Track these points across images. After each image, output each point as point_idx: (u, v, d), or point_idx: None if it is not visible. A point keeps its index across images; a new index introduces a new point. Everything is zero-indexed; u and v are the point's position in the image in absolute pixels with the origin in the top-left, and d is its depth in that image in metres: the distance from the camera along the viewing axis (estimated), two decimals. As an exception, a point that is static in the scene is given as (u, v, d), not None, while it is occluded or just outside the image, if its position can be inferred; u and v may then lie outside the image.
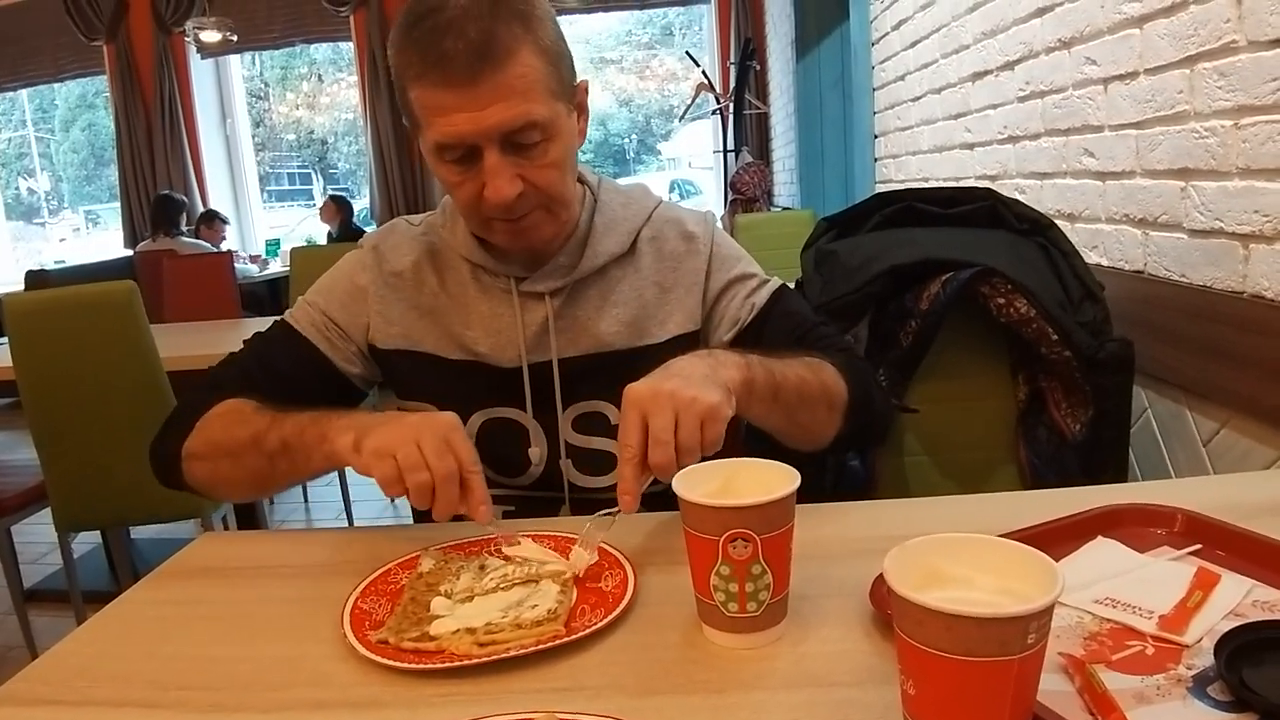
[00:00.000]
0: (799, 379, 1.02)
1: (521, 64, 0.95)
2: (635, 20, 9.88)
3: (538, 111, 0.97)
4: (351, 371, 1.18)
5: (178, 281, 4.46)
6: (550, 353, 1.13)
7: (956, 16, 2.52)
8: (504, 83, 0.94)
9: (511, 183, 0.99)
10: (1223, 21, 1.35)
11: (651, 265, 1.17)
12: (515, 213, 1.03)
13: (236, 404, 1.07)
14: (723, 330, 1.17)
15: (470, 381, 1.14)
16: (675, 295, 1.16)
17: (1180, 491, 0.96)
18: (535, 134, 0.98)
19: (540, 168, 1.01)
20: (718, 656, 0.74)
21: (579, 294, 1.14)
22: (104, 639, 0.86)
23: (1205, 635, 0.69)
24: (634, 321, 1.14)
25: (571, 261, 1.14)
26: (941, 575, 0.59)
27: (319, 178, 10.55)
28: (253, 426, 1.02)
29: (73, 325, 2.30)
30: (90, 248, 9.45)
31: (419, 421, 0.89)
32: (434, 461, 0.84)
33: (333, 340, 1.16)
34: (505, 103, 0.95)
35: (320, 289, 1.20)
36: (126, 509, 2.45)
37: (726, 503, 0.71)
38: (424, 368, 1.15)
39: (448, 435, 0.88)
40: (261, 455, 1.01)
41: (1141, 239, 1.62)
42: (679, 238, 1.18)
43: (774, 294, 1.18)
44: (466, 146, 0.98)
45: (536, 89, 0.97)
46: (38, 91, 9.40)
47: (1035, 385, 1.50)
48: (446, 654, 0.74)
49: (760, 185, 5.74)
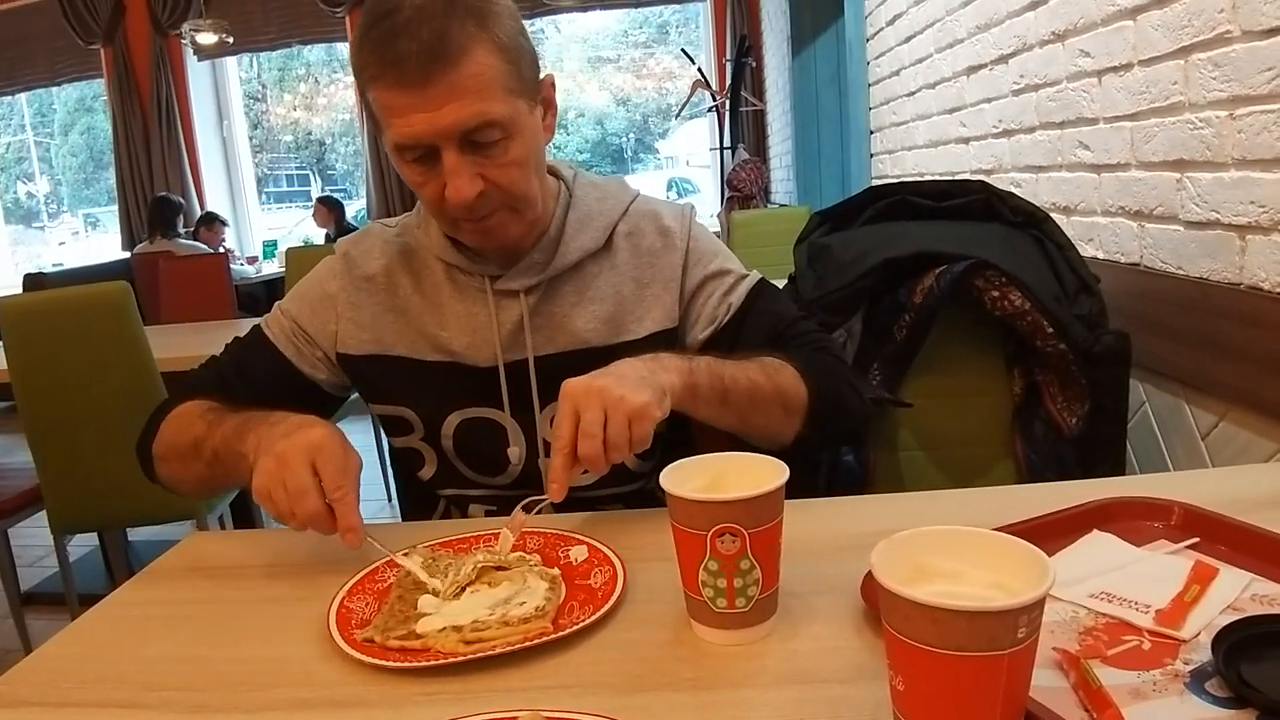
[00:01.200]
0: (750, 383, 1.02)
1: (476, 62, 0.94)
2: (631, 19, 9.86)
3: (494, 110, 0.96)
4: (318, 378, 1.18)
5: (173, 283, 4.46)
6: (526, 351, 1.13)
7: (950, 11, 2.52)
8: (458, 82, 0.93)
9: (472, 182, 0.98)
10: (1217, 12, 1.34)
11: (628, 261, 1.16)
12: (478, 212, 1.02)
13: (192, 406, 1.10)
14: (700, 328, 1.16)
15: (446, 382, 1.14)
16: (652, 291, 1.15)
17: (1178, 485, 0.95)
18: (494, 132, 0.97)
19: (501, 166, 1.00)
20: (707, 653, 0.73)
21: (554, 291, 1.13)
22: (89, 640, 0.86)
23: (1203, 630, 0.69)
24: (611, 318, 1.14)
25: (545, 258, 1.13)
26: (931, 569, 0.58)
27: (317, 179, 10.53)
28: (195, 431, 1.04)
29: (67, 327, 2.30)
30: (90, 251, 9.45)
31: (284, 452, 0.88)
32: (295, 506, 0.86)
33: (299, 348, 1.17)
34: (460, 102, 0.94)
35: (293, 296, 1.21)
36: (122, 510, 2.44)
37: (714, 497, 0.71)
38: (397, 372, 1.15)
39: (312, 462, 0.87)
40: (201, 461, 1.04)
41: (1137, 231, 1.61)
42: (655, 232, 1.17)
43: (751, 291, 1.17)
44: (424, 147, 0.97)
45: (493, 87, 0.96)
46: (36, 95, 9.39)
47: (1031, 379, 1.49)
48: (432, 652, 0.73)
49: (757, 182, 5.72)
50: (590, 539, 0.91)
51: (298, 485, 0.86)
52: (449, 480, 1.19)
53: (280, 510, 0.87)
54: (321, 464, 0.87)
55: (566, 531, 0.93)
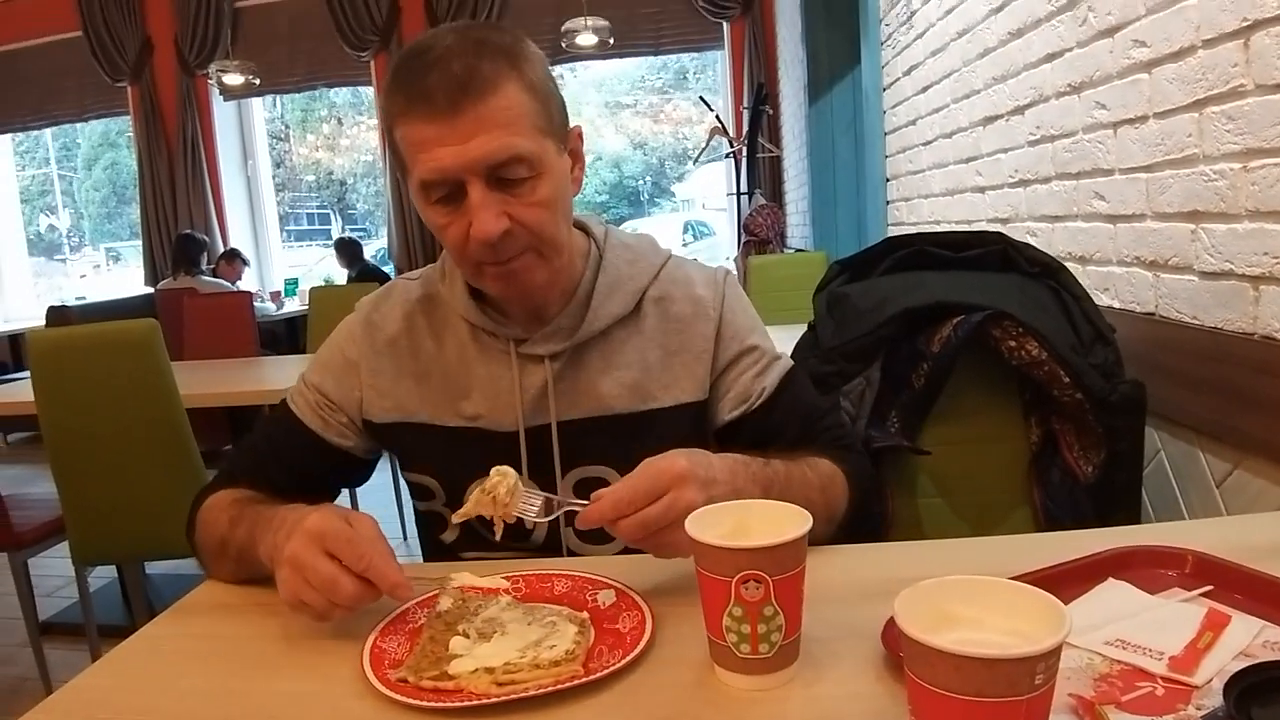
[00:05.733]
0: (810, 504, 0.94)
1: (505, 97, 0.94)
2: (649, 65, 10.00)
3: (522, 145, 0.95)
4: (347, 446, 1.16)
5: (198, 319, 4.51)
6: (550, 416, 1.10)
7: (967, 62, 2.55)
8: (487, 114, 0.93)
9: (498, 219, 0.96)
10: (1230, 66, 1.36)
11: (656, 327, 1.13)
12: (503, 254, 0.99)
13: (221, 500, 1.08)
14: (729, 407, 1.14)
15: (468, 448, 1.11)
16: (681, 360, 1.13)
17: (1192, 532, 0.96)
18: (521, 169, 0.96)
19: (528, 206, 0.98)
20: (731, 698, 0.74)
21: (580, 357, 1.11)
22: (122, 672, 0.87)
23: (1215, 676, 0.70)
24: (637, 385, 1.11)
25: (573, 324, 1.10)
26: (952, 617, 0.60)
27: (337, 218, 10.67)
28: (220, 532, 1.03)
29: (95, 361, 2.34)
30: (111, 284, 9.58)
31: (293, 556, 0.85)
32: (331, 598, 0.83)
33: (326, 419, 1.15)
34: (488, 135, 0.93)
35: (316, 364, 1.19)
36: (145, 544, 2.46)
37: (739, 544, 0.72)
38: (421, 438, 1.13)
39: (324, 550, 0.84)
40: (230, 560, 1.02)
41: (1152, 281, 1.63)
42: (686, 299, 1.15)
43: (783, 378, 1.15)
44: (451, 183, 0.96)
45: (522, 122, 0.95)
46: (61, 130, 9.55)
47: (1048, 427, 1.51)
48: (465, 693, 0.74)
49: (773, 227, 5.77)
50: (618, 583, 0.92)
51: (322, 579, 0.83)
52: (471, 544, 1.16)
53: (320, 609, 0.84)
54: (333, 546, 0.85)
55: (595, 575, 0.95)
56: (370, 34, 7.02)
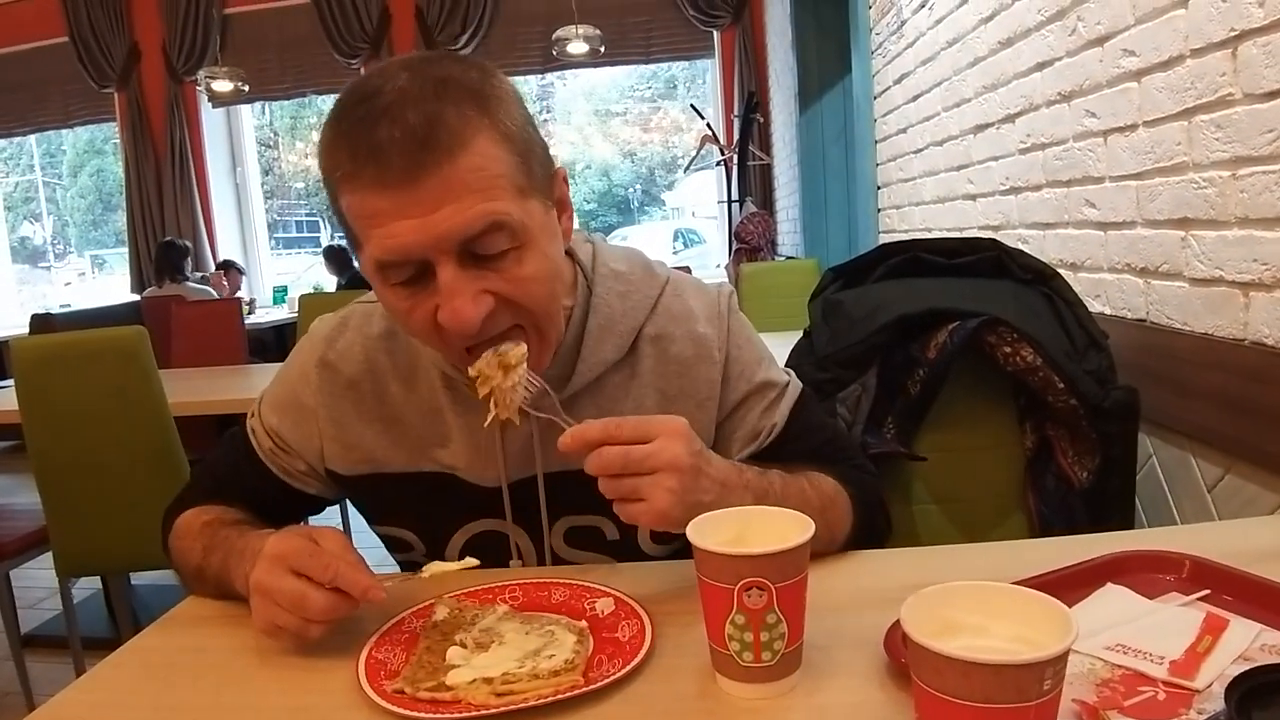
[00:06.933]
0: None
1: (476, 153, 0.78)
2: (639, 74, 10.02)
3: (502, 211, 0.79)
4: (307, 491, 1.08)
5: (185, 328, 4.48)
6: (535, 468, 1.00)
7: (958, 71, 2.57)
8: (455, 178, 0.77)
9: (475, 301, 0.81)
10: (1219, 75, 1.37)
11: (653, 369, 1.01)
12: (486, 333, 0.84)
13: (190, 521, 1.04)
14: (738, 445, 1.04)
15: (448, 499, 1.02)
16: (681, 406, 1.00)
17: (1187, 537, 0.96)
18: (502, 239, 0.80)
19: (513, 281, 0.83)
20: (732, 707, 0.73)
21: (569, 408, 0.95)
22: (109, 687, 0.85)
23: (1215, 680, 0.70)
24: None
25: (562, 373, 0.97)
26: (957, 623, 0.60)
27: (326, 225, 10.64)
28: (194, 559, 1.00)
29: (81, 369, 2.30)
30: (96, 292, 9.52)
31: (258, 583, 0.82)
32: (304, 614, 0.81)
33: (285, 465, 1.06)
34: (458, 203, 0.77)
35: (271, 401, 1.08)
36: (131, 555, 2.42)
37: (742, 551, 0.71)
38: (395, 489, 1.03)
39: (289, 569, 0.81)
40: (209, 585, 0.99)
41: (1143, 288, 1.64)
42: (687, 339, 1.02)
43: (794, 409, 1.06)
44: (415, 263, 0.80)
45: (499, 184, 0.79)
46: (46, 136, 9.51)
47: (1042, 433, 1.51)
48: (464, 704, 0.73)
49: (764, 235, 5.79)
50: (616, 591, 0.91)
51: (289, 598, 0.80)
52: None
53: (295, 629, 0.81)
54: (297, 563, 0.81)
55: (593, 584, 0.94)
56: (360, 41, 7.01)
